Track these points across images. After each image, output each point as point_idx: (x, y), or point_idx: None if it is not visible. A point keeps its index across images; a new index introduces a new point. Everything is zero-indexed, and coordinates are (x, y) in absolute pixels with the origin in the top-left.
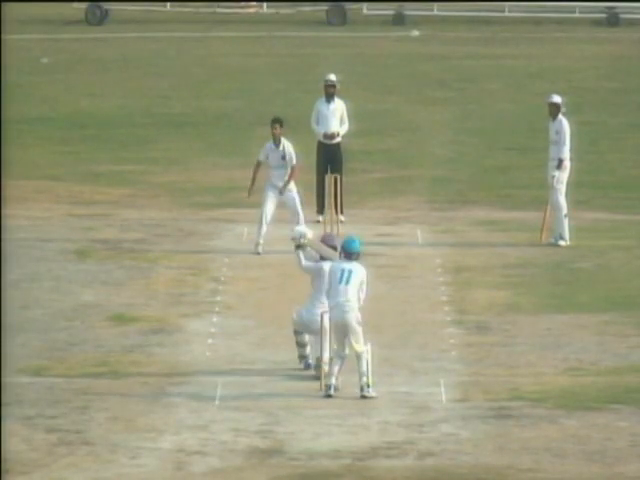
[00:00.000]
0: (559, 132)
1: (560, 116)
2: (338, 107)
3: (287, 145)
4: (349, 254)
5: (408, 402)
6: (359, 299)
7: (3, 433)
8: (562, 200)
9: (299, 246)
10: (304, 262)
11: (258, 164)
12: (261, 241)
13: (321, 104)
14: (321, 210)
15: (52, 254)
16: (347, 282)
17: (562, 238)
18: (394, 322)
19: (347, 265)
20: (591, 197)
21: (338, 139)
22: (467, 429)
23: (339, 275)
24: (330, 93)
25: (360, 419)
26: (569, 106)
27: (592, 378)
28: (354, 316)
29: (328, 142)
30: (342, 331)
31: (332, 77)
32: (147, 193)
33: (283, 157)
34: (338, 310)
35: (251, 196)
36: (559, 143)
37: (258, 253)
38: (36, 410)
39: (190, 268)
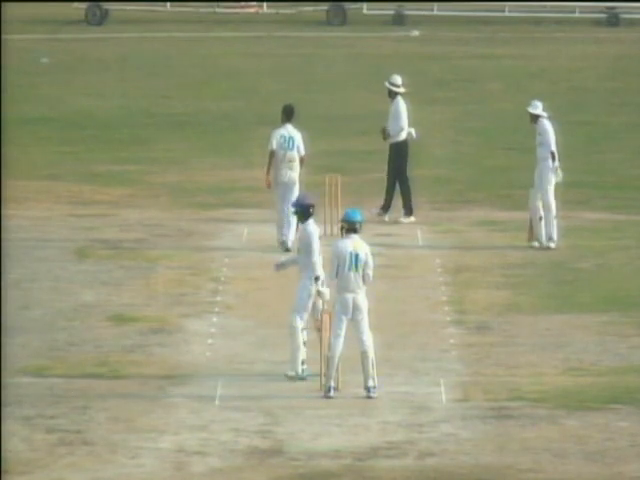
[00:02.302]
0: (542, 134)
1: (540, 119)
2: (393, 107)
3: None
4: (352, 223)
5: (408, 402)
6: (368, 276)
7: (3, 433)
8: (552, 201)
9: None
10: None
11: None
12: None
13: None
14: (409, 212)
15: (52, 254)
16: (355, 268)
17: (551, 239)
18: (394, 322)
19: (351, 246)
20: (591, 197)
21: (391, 139)
22: (467, 429)
23: (348, 260)
24: (389, 93)
25: (360, 419)
26: (569, 106)
27: (592, 378)
28: (364, 298)
29: (387, 141)
30: (351, 312)
31: (393, 79)
32: (147, 193)
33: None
34: (350, 292)
35: None
36: (543, 144)
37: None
38: (36, 410)
39: (190, 268)
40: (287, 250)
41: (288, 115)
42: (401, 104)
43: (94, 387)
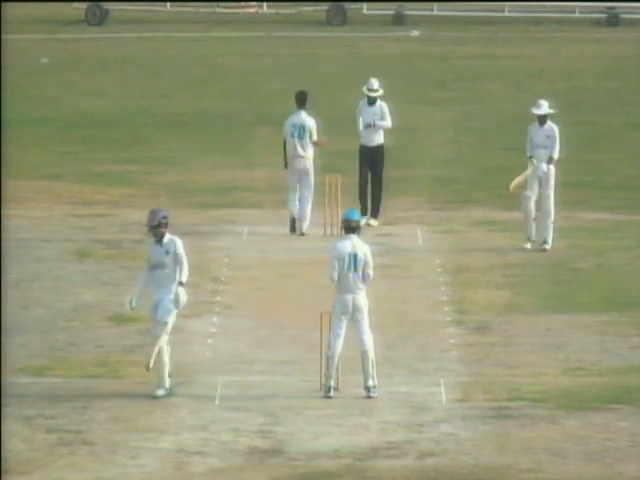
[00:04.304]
0: (550, 136)
1: (549, 121)
2: (378, 110)
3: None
4: (349, 222)
5: (408, 402)
6: (368, 275)
7: (3, 433)
8: (552, 206)
9: None
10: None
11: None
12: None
13: (363, 108)
14: (364, 212)
15: (52, 254)
16: (354, 268)
17: (545, 242)
18: (394, 322)
19: (350, 247)
20: (591, 197)
21: (379, 141)
22: (467, 429)
23: (347, 260)
24: (372, 100)
25: (360, 419)
26: (569, 106)
27: (592, 378)
28: (364, 298)
29: (368, 144)
30: (350, 312)
31: (374, 85)
32: (147, 193)
33: None
34: (349, 293)
35: None
36: (549, 147)
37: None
38: (36, 410)
39: (190, 268)
40: (302, 234)
41: (300, 101)
42: (385, 105)
43: (94, 387)
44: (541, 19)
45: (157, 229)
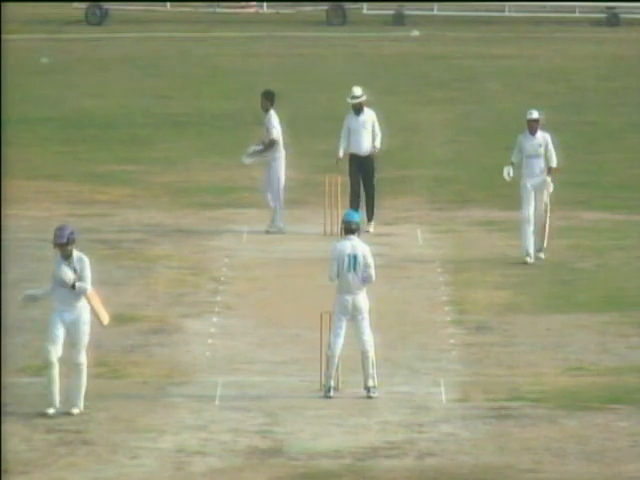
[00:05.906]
0: (543, 145)
1: (540, 130)
2: (368, 119)
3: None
4: (349, 223)
5: (408, 402)
6: (369, 276)
7: (3, 433)
8: (548, 216)
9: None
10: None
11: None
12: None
13: (350, 118)
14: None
15: (52, 254)
16: (354, 269)
17: (541, 251)
18: (394, 322)
19: (350, 247)
20: (591, 197)
21: (370, 149)
22: (467, 429)
23: (346, 261)
24: (357, 108)
25: (360, 419)
26: (569, 106)
27: (592, 378)
28: (364, 299)
29: (359, 153)
30: (350, 312)
31: (356, 92)
32: (147, 193)
33: None
34: (349, 293)
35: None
36: (543, 156)
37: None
38: (36, 410)
39: (190, 268)
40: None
41: (273, 100)
42: (374, 115)
43: (94, 387)
44: (541, 19)
45: (65, 247)
